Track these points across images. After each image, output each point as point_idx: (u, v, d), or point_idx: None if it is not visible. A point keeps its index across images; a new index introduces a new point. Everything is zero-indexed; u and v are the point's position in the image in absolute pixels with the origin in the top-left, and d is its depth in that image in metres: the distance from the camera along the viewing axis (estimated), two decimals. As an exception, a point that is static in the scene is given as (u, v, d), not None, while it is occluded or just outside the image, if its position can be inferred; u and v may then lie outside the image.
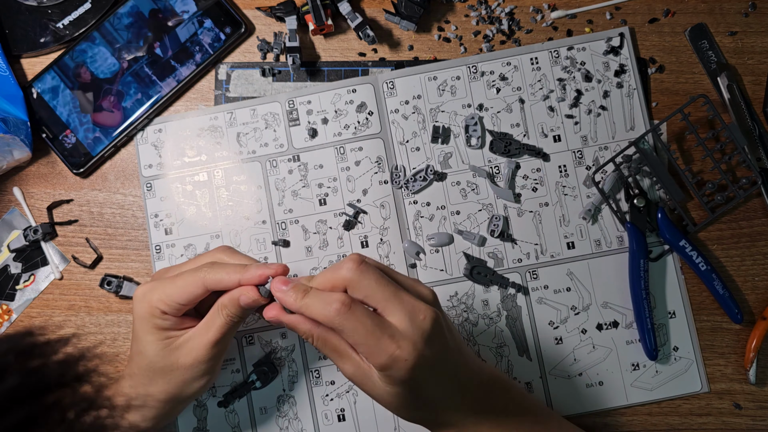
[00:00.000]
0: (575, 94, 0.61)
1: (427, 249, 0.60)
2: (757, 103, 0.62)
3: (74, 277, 0.62)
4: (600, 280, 0.60)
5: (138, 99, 0.62)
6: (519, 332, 0.60)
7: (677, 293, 0.60)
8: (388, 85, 0.62)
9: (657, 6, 0.63)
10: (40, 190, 0.62)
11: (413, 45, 0.63)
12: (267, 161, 0.62)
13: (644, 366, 0.59)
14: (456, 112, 0.62)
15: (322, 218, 0.61)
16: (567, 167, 0.61)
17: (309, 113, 0.62)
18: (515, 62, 0.62)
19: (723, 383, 0.60)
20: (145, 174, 0.62)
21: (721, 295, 0.59)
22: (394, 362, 0.45)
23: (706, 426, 0.59)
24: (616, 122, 0.61)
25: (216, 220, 0.61)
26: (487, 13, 0.63)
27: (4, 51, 0.62)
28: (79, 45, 0.62)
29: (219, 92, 0.63)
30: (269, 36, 0.64)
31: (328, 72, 0.63)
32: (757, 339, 0.59)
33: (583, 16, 0.63)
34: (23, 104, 0.61)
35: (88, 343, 0.61)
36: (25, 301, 0.61)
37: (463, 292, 0.60)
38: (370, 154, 0.61)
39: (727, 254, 0.61)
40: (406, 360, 0.45)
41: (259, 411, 0.59)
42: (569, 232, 0.61)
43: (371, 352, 0.45)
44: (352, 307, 0.45)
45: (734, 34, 0.63)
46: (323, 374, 0.60)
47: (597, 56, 0.62)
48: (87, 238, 0.62)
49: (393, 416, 0.59)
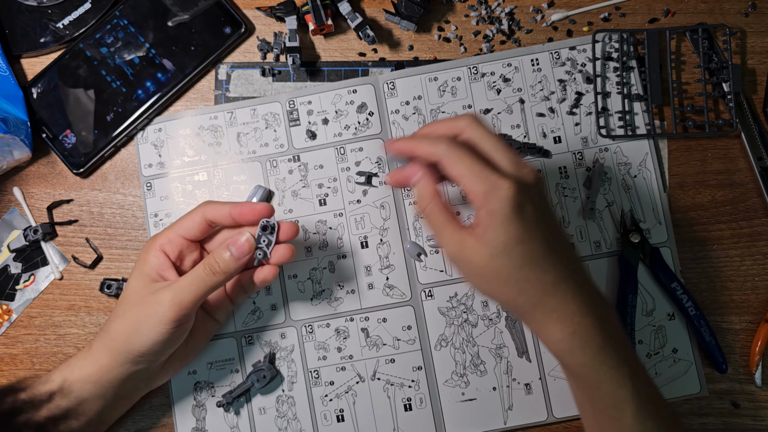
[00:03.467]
0: (576, 95, 0.61)
1: (427, 250, 0.60)
2: (758, 103, 0.62)
3: (74, 277, 0.62)
4: (600, 281, 0.60)
5: (138, 99, 0.62)
6: (518, 333, 0.60)
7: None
8: (389, 85, 0.62)
9: (657, 6, 0.63)
10: (40, 190, 0.62)
11: (413, 45, 0.63)
12: (267, 161, 0.62)
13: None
14: (456, 113, 0.62)
15: (322, 218, 0.61)
16: (567, 168, 0.61)
17: (309, 113, 0.62)
18: (516, 63, 0.62)
19: (723, 383, 0.60)
20: (146, 174, 0.62)
21: (708, 343, 0.58)
22: (496, 188, 0.45)
23: (706, 426, 0.60)
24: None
25: (216, 221, 0.61)
26: (487, 13, 0.63)
27: (4, 51, 0.62)
28: (79, 45, 0.62)
29: (219, 92, 0.63)
30: (269, 36, 0.63)
31: (328, 72, 0.63)
32: (761, 341, 0.59)
33: (583, 16, 0.63)
34: (23, 104, 0.61)
35: None
36: (25, 301, 0.61)
37: (462, 293, 0.60)
38: (370, 155, 0.61)
39: (727, 254, 0.61)
40: (508, 187, 0.44)
41: (258, 411, 0.60)
42: (569, 234, 0.61)
43: (475, 179, 0.45)
44: (460, 144, 0.47)
45: (734, 34, 0.63)
46: (322, 375, 0.60)
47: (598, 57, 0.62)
48: (87, 238, 0.62)
49: (392, 417, 0.59)
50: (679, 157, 0.62)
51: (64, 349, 0.61)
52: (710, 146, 0.62)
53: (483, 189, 0.45)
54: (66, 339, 0.61)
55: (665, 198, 0.61)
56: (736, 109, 0.61)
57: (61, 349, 0.61)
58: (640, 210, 0.61)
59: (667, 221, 0.61)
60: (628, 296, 0.59)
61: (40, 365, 0.61)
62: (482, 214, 0.45)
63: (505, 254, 0.45)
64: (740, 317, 0.60)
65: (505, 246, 0.45)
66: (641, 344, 0.60)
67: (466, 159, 0.46)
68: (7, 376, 0.61)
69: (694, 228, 0.61)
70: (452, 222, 0.48)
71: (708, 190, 0.61)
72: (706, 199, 0.61)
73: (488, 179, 0.45)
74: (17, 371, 0.61)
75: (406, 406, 0.59)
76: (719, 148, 0.62)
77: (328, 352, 0.60)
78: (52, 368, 0.59)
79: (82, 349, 0.56)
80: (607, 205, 0.61)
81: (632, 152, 0.61)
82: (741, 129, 0.61)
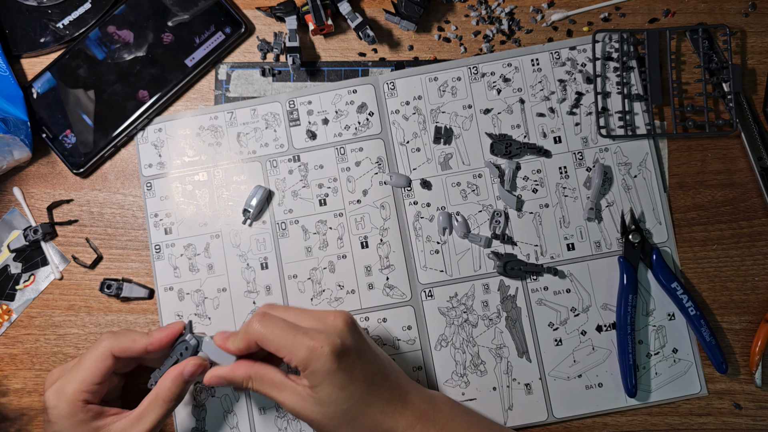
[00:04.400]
0: (576, 95, 0.61)
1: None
2: (758, 103, 0.62)
3: (74, 277, 0.62)
4: (600, 281, 0.60)
5: (138, 99, 0.62)
6: (519, 333, 0.60)
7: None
8: (389, 85, 0.62)
9: (657, 6, 0.63)
10: (40, 190, 0.62)
11: (413, 45, 0.63)
12: (267, 161, 0.62)
13: (644, 368, 0.59)
14: (456, 113, 0.62)
15: (322, 218, 0.61)
16: (567, 168, 0.61)
17: (309, 113, 0.62)
18: (516, 63, 0.62)
19: (723, 383, 0.60)
20: (146, 174, 0.62)
21: (708, 343, 0.58)
22: (312, 353, 0.48)
23: (706, 426, 0.60)
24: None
25: (216, 220, 0.61)
26: (487, 13, 0.63)
27: (4, 51, 0.62)
28: (79, 45, 0.62)
29: (219, 92, 0.63)
30: (269, 36, 0.63)
31: (328, 72, 0.63)
32: (761, 341, 0.59)
33: (583, 16, 0.63)
34: (23, 104, 0.61)
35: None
36: (25, 301, 0.61)
37: (462, 294, 0.60)
38: (370, 155, 0.61)
39: (727, 254, 0.61)
40: (322, 347, 0.48)
41: (258, 411, 0.60)
42: (569, 234, 0.61)
43: (291, 349, 0.49)
44: (269, 316, 0.50)
45: (734, 34, 0.63)
46: (323, 374, 0.60)
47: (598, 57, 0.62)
48: (87, 238, 0.62)
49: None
50: (679, 157, 0.62)
51: (64, 349, 0.61)
52: (710, 146, 0.62)
53: (300, 356, 0.48)
54: (66, 339, 0.61)
55: (665, 198, 0.61)
56: (736, 109, 0.61)
57: (61, 349, 0.61)
58: (640, 210, 0.61)
59: (667, 221, 0.61)
60: (629, 296, 0.59)
61: (40, 365, 0.61)
62: (306, 375, 0.49)
63: (331, 402, 0.49)
64: (740, 317, 0.60)
65: (329, 395, 0.49)
66: (641, 344, 0.60)
67: (276, 332, 0.50)
68: (7, 376, 0.61)
69: (694, 228, 0.61)
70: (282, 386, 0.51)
71: (708, 190, 0.61)
72: (706, 199, 0.61)
73: (301, 346, 0.48)
74: (17, 371, 0.61)
75: (406, 406, 0.59)
76: (719, 148, 0.62)
77: (328, 352, 0.60)
78: (52, 368, 0.60)
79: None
80: (607, 205, 0.61)
81: (632, 152, 0.61)
82: (741, 129, 0.61)
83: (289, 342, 0.49)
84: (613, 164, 0.61)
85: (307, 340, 0.48)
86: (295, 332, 0.49)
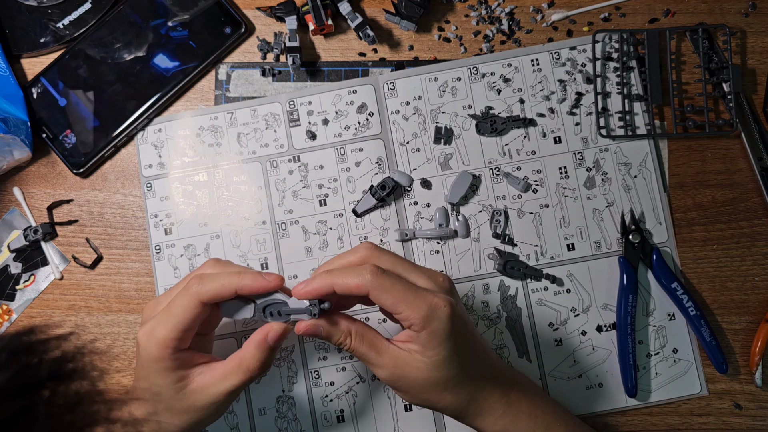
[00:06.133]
0: (576, 96, 0.61)
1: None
2: (758, 103, 0.62)
3: (74, 277, 0.62)
4: (600, 281, 0.60)
5: (138, 99, 0.62)
6: (519, 334, 0.60)
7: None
8: (389, 86, 0.62)
9: (657, 6, 0.63)
10: (40, 190, 0.62)
11: (413, 45, 0.63)
12: (267, 162, 0.62)
13: (644, 368, 0.59)
14: (456, 113, 0.62)
15: (323, 219, 0.61)
16: (567, 169, 0.61)
17: (309, 114, 0.62)
18: (516, 63, 0.62)
19: (723, 383, 0.60)
20: (146, 174, 0.62)
21: (708, 343, 0.58)
22: (434, 310, 0.46)
23: (706, 426, 0.60)
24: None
25: (216, 221, 0.61)
26: (487, 13, 0.63)
27: (4, 51, 0.62)
28: (79, 45, 0.62)
29: (219, 92, 0.63)
30: (269, 36, 0.63)
31: (328, 72, 0.63)
32: (761, 341, 0.59)
33: (583, 16, 0.63)
34: (23, 104, 0.61)
35: (87, 339, 0.60)
36: (25, 301, 0.61)
37: (462, 294, 0.60)
38: (370, 155, 0.61)
39: (727, 254, 0.61)
40: (444, 306, 0.46)
41: (258, 412, 0.60)
42: (569, 234, 0.61)
43: (411, 304, 0.45)
44: (384, 272, 0.46)
45: (734, 34, 0.63)
46: (323, 375, 0.60)
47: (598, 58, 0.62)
48: (87, 238, 0.62)
49: (392, 417, 0.59)
50: (679, 157, 0.62)
51: (64, 349, 0.61)
52: (710, 146, 0.62)
53: (421, 314, 0.45)
54: (66, 339, 0.61)
55: (665, 198, 0.61)
56: (736, 109, 0.61)
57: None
58: (641, 210, 0.61)
59: (667, 221, 0.61)
60: (629, 296, 0.59)
61: (40, 365, 0.61)
62: (425, 335, 0.46)
63: (444, 366, 0.47)
64: (740, 317, 0.60)
65: (444, 359, 0.47)
66: (641, 344, 0.60)
67: (397, 286, 0.46)
68: (7, 376, 0.61)
69: (694, 228, 0.61)
70: (383, 348, 0.48)
71: (708, 190, 0.61)
72: (706, 199, 0.61)
73: (424, 303, 0.46)
74: (17, 371, 0.61)
75: (407, 406, 0.59)
76: (719, 148, 0.62)
77: (329, 353, 0.60)
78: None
79: None
80: (607, 205, 0.61)
81: (632, 152, 0.61)
82: (741, 129, 0.61)
83: (411, 298, 0.45)
84: (613, 164, 0.61)
85: (430, 296, 0.46)
86: (416, 288, 0.46)
